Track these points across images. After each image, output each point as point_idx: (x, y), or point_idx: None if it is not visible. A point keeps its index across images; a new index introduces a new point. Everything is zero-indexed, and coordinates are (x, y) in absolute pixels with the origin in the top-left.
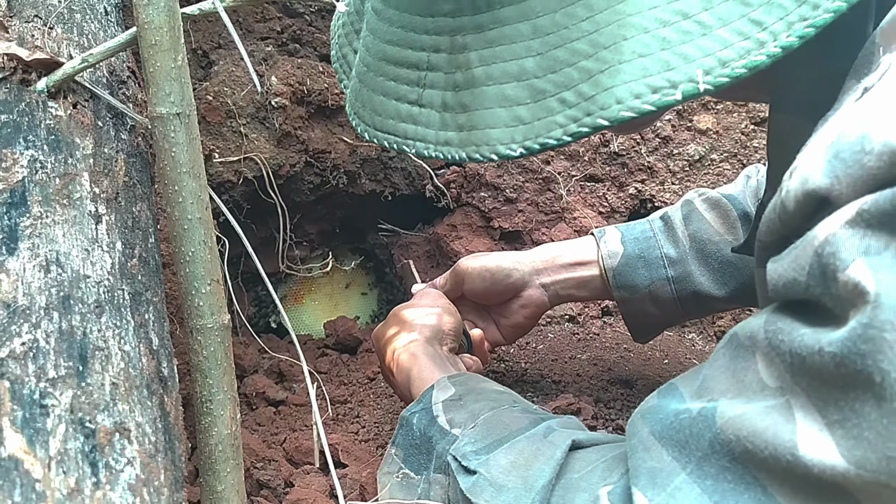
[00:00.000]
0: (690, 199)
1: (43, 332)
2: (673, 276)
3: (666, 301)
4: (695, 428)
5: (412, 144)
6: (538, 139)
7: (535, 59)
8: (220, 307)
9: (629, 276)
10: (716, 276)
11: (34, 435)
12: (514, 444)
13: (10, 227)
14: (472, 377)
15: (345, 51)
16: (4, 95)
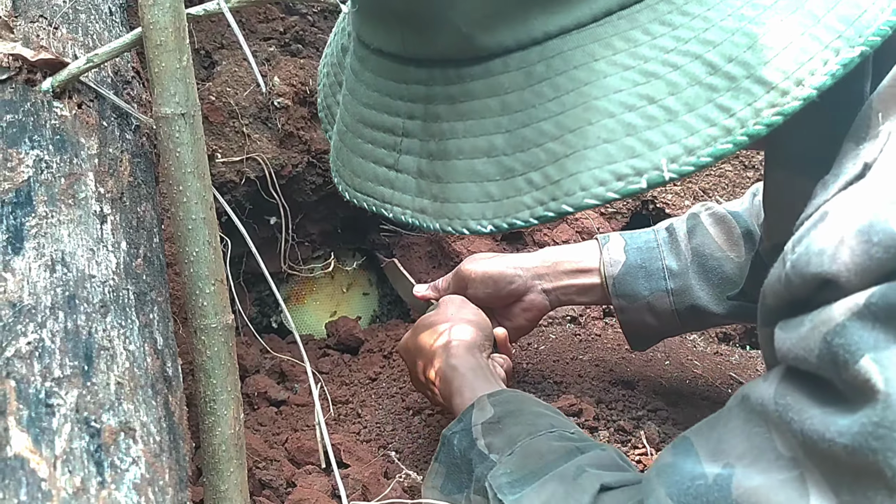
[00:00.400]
0: (696, 213)
1: (48, 331)
2: (672, 288)
3: (664, 312)
4: (711, 497)
5: (389, 208)
6: (507, 218)
7: (504, 136)
8: (223, 307)
9: (629, 286)
10: (715, 291)
11: (40, 434)
12: (546, 482)
13: (15, 227)
14: (512, 397)
15: (328, 101)
16: (10, 95)
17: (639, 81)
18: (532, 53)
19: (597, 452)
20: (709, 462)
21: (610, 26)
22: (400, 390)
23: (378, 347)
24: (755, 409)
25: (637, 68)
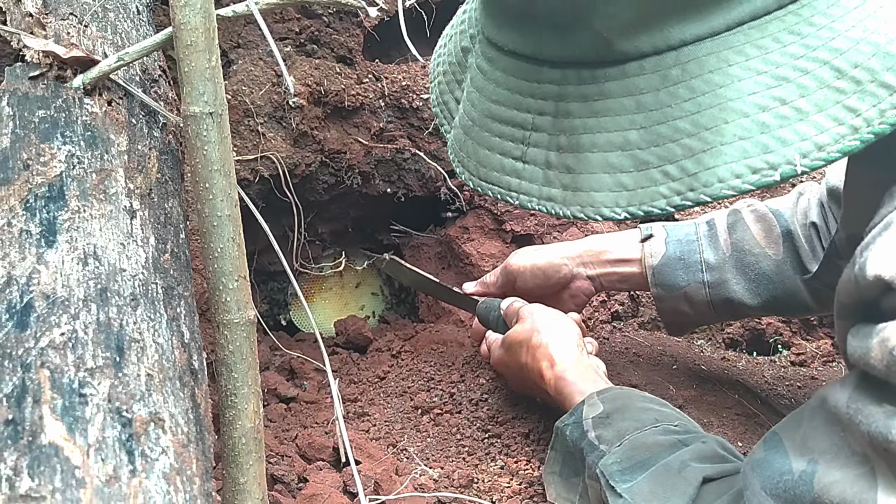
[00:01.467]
0: (738, 209)
1: (82, 323)
2: (709, 280)
3: (700, 303)
4: (797, 490)
5: (515, 196)
6: (641, 206)
7: (639, 132)
8: (246, 302)
9: (667, 276)
10: (751, 286)
11: (74, 423)
12: (654, 473)
13: (48, 221)
14: (619, 394)
15: (445, 98)
16: (42, 91)
17: (771, 85)
18: (668, 58)
19: (698, 445)
20: (796, 457)
21: (742, 35)
22: (408, 390)
23: (386, 347)
24: (831, 410)
25: (769, 73)
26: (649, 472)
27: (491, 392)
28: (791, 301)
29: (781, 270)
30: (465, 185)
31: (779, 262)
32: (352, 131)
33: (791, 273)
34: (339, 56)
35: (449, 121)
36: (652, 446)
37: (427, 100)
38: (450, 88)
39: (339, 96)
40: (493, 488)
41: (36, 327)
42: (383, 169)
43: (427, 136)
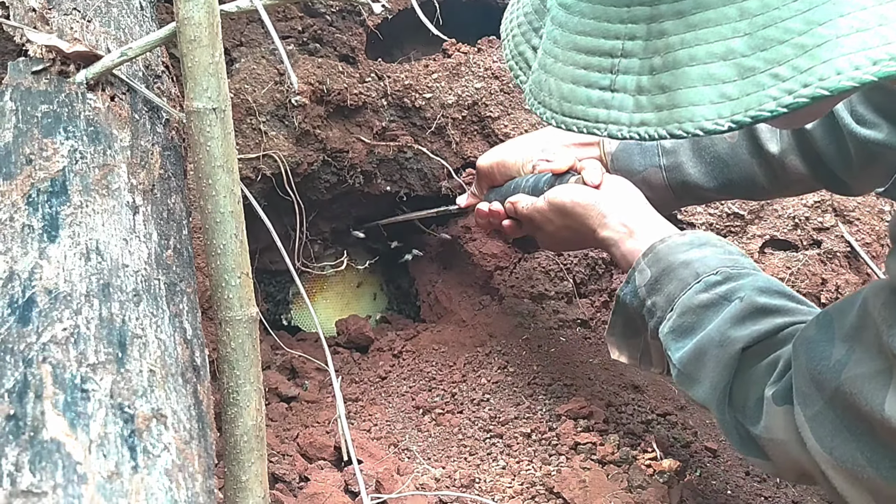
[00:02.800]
0: None
1: (84, 318)
2: (665, 164)
3: (658, 186)
4: (828, 374)
5: (603, 128)
6: (748, 113)
7: (743, 39)
8: (248, 300)
9: (626, 161)
10: (706, 169)
11: (76, 418)
12: (698, 344)
13: (51, 216)
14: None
15: (521, 48)
16: (45, 86)
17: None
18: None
19: (736, 305)
20: (839, 343)
21: None
22: (410, 389)
23: (388, 346)
24: (869, 311)
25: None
26: (695, 342)
27: (493, 392)
28: (747, 183)
29: (736, 153)
30: (548, 124)
31: (734, 144)
32: (354, 130)
33: (746, 156)
34: (342, 55)
35: (525, 71)
36: (697, 309)
37: (429, 99)
38: (526, 38)
39: (342, 95)
40: (495, 488)
41: (38, 322)
42: (385, 168)
43: (429, 135)
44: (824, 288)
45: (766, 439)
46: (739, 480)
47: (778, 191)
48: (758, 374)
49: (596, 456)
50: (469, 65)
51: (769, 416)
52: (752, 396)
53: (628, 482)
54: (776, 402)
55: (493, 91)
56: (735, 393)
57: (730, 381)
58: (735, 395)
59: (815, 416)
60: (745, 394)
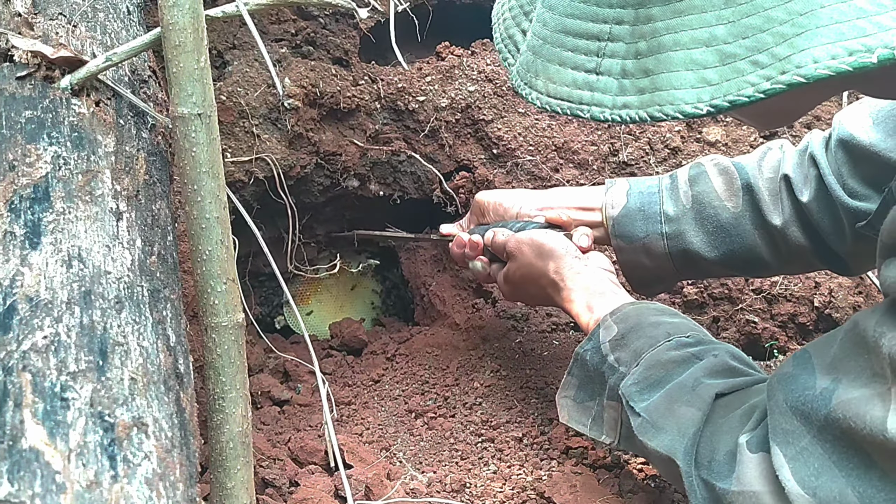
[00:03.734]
0: (701, 163)
1: (65, 326)
2: (668, 231)
3: (658, 255)
4: (815, 404)
5: (587, 109)
6: (726, 98)
7: (727, 26)
8: (234, 306)
9: (627, 227)
10: (709, 238)
11: (55, 427)
12: (669, 391)
13: (33, 222)
14: (631, 312)
15: (511, 31)
16: (29, 92)
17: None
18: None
19: (709, 360)
20: (822, 375)
21: None
22: (402, 393)
23: (381, 350)
24: (860, 334)
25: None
26: (664, 391)
27: (485, 396)
28: (749, 255)
29: (740, 223)
30: (533, 105)
31: (737, 214)
32: (347, 133)
33: (750, 227)
34: (335, 58)
35: (514, 54)
36: (666, 363)
37: (423, 102)
38: (516, 22)
39: (335, 98)
40: (486, 493)
41: (18, 330)
42: (379, 171)
43: (423, 138)
44: (817, 292)
45: (736, 493)
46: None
47: (780, 266)
48: (731, 424)
49: (587, 460)
50: (462, 68)
51: (742, 466)
52: (723, 448)
53: (619, 487)
54: (750, 450)
55: (486, 94)
56: (703, 445)
57: (699, 429)
58: (703, 447)
59: (799, 454)
60: (715, 445)
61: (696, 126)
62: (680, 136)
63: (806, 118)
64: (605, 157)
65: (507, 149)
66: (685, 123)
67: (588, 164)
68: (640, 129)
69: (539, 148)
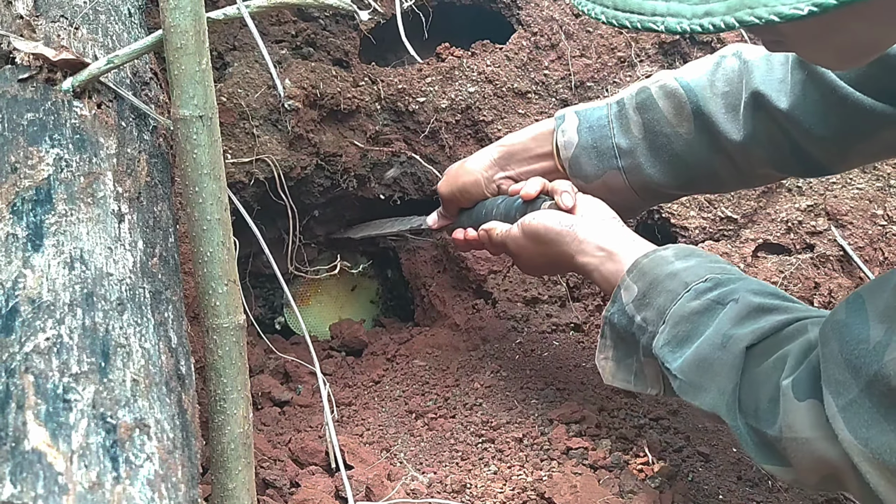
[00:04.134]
0: (647, 86)
1: (67, 327)
2: (623, 166)
3: (620, 189)
4: (867, 358)
5: (660, 21)
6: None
7: None
8: (235, 307)
9: (583, 167)
10: (665, 168)
11: (57, 429)
12: (699, 349)
13: (35, 224)
14: (647, 266)
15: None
16: (31, 94)
17: None
18: None
19: (732, 307)
20: (875, 324)
21: None
22: (403, 393)
23: (381, 350)
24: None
25: None
26: (694, 348)
27: (485, 397)
28: (709, 179)
29: (694, 149)
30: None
31: (690, 140)
32: (347, 134)
33: (705, 151)
34: (336, 59)
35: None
36: (690, 316)
37: (423, 103)
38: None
39: (335, 99)
40: (486, 494)
41: (21, 332)
42: (379, 172)
43: (423, 139)
44: (817, 292)
45: (788, 439)
46: (731, 485)
47: (743, 182)
48: (767, 372)
49: (588, 461)
50: (462, 69)
51: (789, 414)
52: (764, 397)
53: (620, 487)
54: (798, 397)
55: (486, 95)
56: (744, 395)
57: (738, 383)
58: (745, 397)
59: (848, 405)
60: (756, 395)
61: None
62: None
63: None
64: None
65: None
66: None
67: None
68: None
69: None
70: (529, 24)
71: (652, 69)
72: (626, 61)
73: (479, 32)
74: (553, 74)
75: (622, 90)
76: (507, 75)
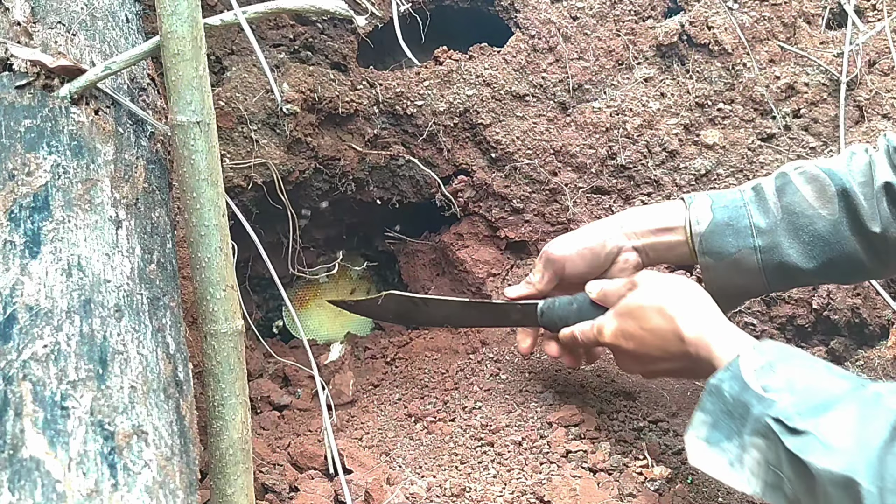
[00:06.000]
0: (786, 172)
1: (64, 335)
2: (760, 245)
3: (751, 270)
4: None
5: None
6: None
7: None
8: (233, 312)
9: (716, 243)
10: (805, 248)
11: (55, 436)
12: (844, 407)
13: (32, 231)
14: (776, 346)
15: None
16: (28, 101)
17: None
18: None
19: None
20: None
21: None
22: (402, 397)
23: (381, 354)
24: None
25: None
26: (838, 408)
27: (484, 400)
28: (848, 263)
29: (838, 230)
30: None
31: (834, 221)
32: (346, 138)
33: (848, 233)
34: (334, 62)
35: None
36: (831, 388)
37: (421, 106)
38: None
39: (333, 103)
40: (485, 497)
41: (18, 339)
42: (377, 175)
43: (421, 142)
44: (815, 293)
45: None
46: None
47: (881, 270)
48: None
49: (587, 464)
50: (461, 72)
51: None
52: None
53: (619, 490)
54: None
55: (484, 98)
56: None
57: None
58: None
59: None
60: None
61: (693, 129)
62: (678, 138)
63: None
64: (603, 160)
65: (506, 153)
66: (682, 126)
67: (586, 167)
68: (638, 132)
69: (537, 151)
70: (527, 27)
71: (649, 71)
72: (623, 64)
73: (477, 35)
74: (551, 77)
75: (754, 180)
76: (504, 78)
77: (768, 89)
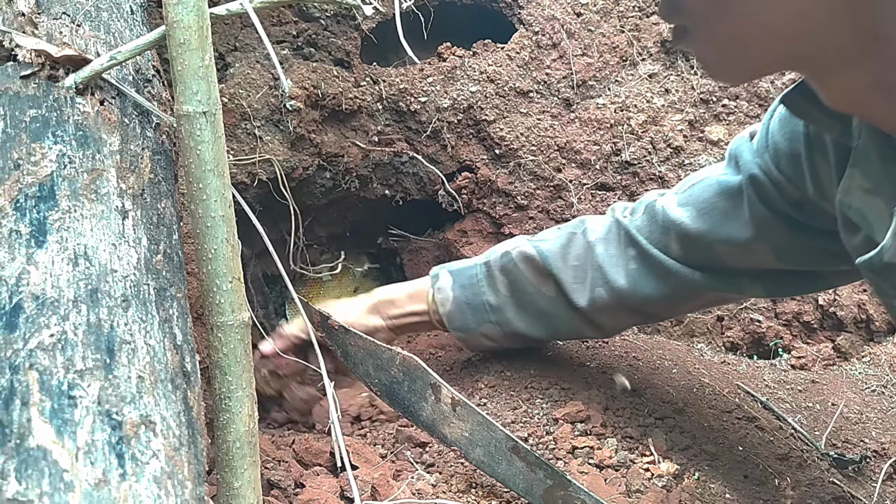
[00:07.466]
0: (508, 251)
1: (71, 324)
2: (496, 320)
3: (497, 337)
4: None
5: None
6: None
7: None
8: (240, 304)
9: (458, 321)
10: (533, 321)
11: (62, 425)
12: None
13: (38, 221)
14: None
15: None
16: (33, 91)
17: None
18: None
19: None
20: None
21: None
22: None
23: None
24: None
25: None
26: None
27: (490, 396)
28: (571, 331)
29: (556, 306)
30: None
31: (552, 298)
32: (349, 134)
33: (564, 309)
34: (337, 59)
35: None
36: None
37: (424, 103)
38: None
39: (337, 99)
40: (492, 493)
41: (25, 328)
42: (381, 172)
43: (425, 139)
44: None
45: None
46: (738, 484)
47: (602, 335)
48: None
49: (593, 460)
50: (464, 68)
51: None
52: None
53: (626, 486)
54: None
55: (488, 94)
56: None
57: None
58: None
59: None
60: None
61: (697, 125)
62: (682, 135)
63: None
64: (607, 157)
65: (510, 149)
66: (687, 122)
67: (591, 163)
68: (643, 128)
69: (541, 148)
70: (531, 23)
71: (654, 67)
72: (627, 60)
73: (481, 32)
74: (555, 73)
75: (487, 251)
76: (508, 74)
77: (773, 85)
